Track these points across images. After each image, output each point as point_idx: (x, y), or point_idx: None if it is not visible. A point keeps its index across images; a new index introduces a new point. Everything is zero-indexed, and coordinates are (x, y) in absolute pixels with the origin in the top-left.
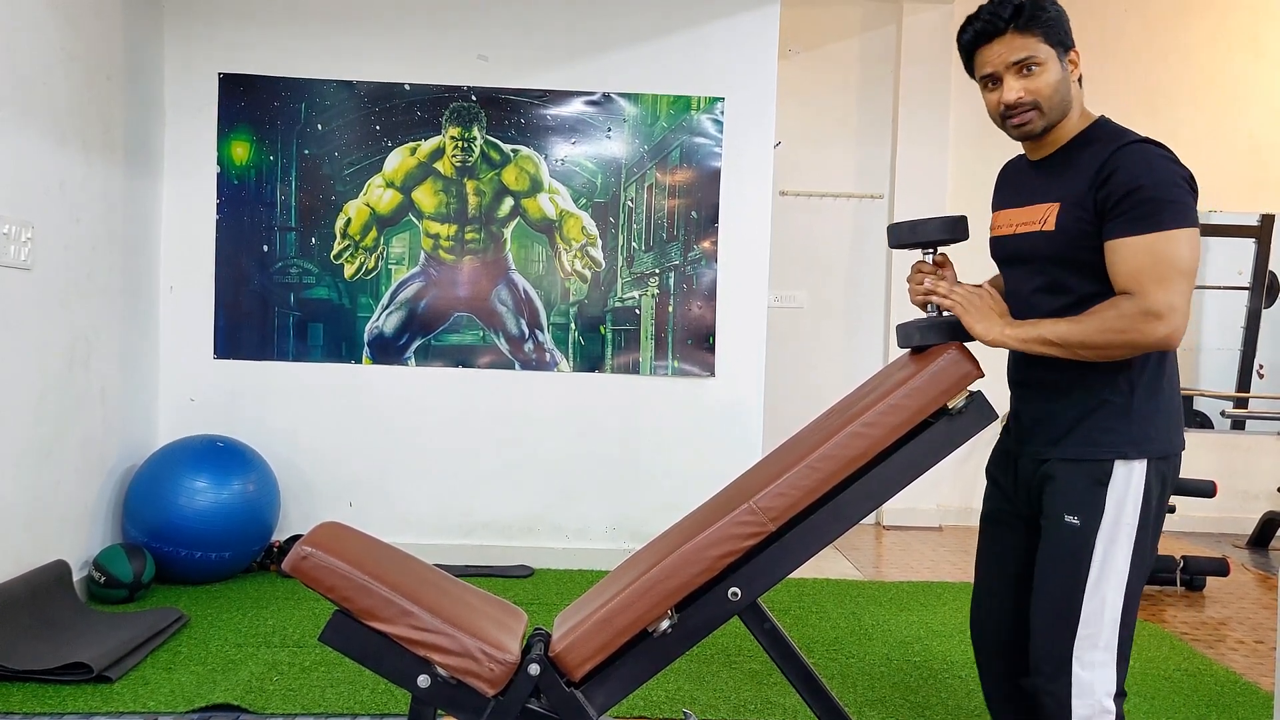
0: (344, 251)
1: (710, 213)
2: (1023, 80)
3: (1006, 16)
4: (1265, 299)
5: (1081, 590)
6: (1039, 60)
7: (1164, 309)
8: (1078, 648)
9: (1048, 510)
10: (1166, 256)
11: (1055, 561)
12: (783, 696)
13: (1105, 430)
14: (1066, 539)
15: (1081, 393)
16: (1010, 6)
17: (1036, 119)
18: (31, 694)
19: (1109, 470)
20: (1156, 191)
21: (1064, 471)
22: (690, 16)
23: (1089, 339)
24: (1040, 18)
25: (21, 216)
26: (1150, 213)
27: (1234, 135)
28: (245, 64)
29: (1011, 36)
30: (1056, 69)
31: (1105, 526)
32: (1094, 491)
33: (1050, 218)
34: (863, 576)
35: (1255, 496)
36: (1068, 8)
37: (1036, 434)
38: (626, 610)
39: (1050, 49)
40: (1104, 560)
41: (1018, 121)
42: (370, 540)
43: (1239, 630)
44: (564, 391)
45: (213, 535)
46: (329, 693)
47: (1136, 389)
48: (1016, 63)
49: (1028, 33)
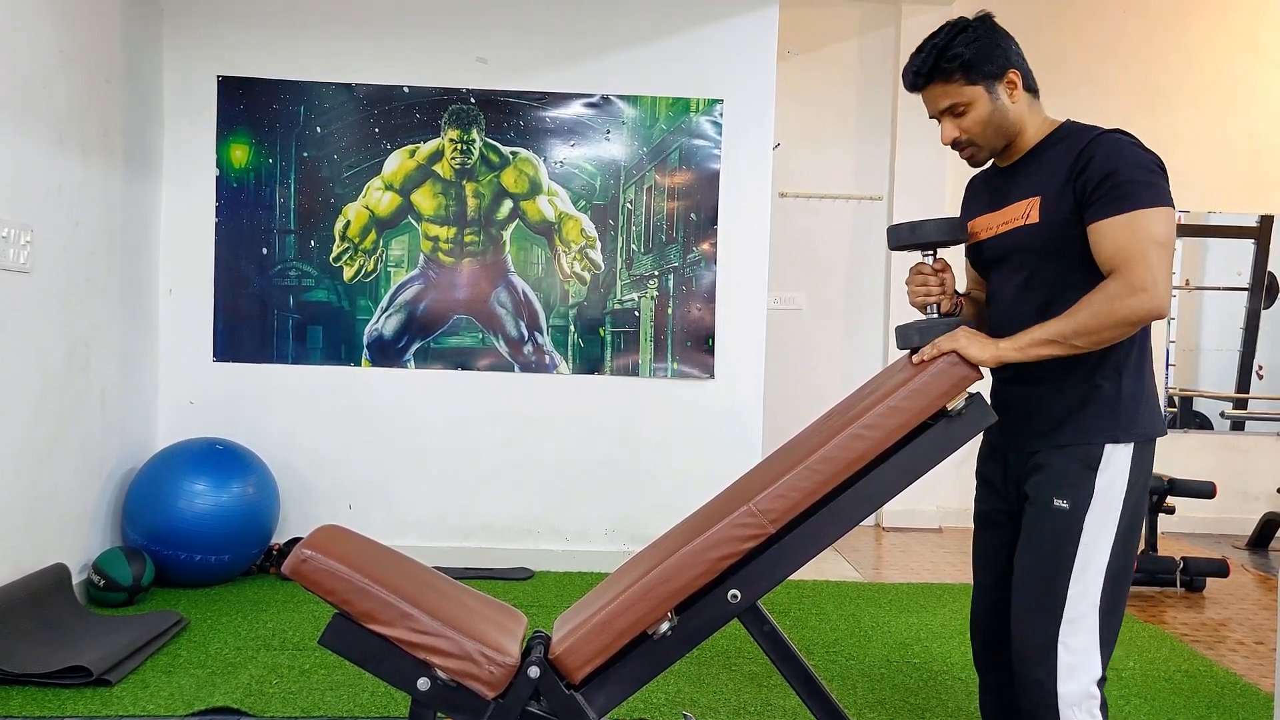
0: (343, 254)
1: (709, 214)
2: (954, 121)
3: (924, 72)
4: (1264, 299)
5: (1067, 575)
6: (963, 102)
7: (1148, 283)
8: (1063, 633)
9: (1035, 496)
10: (1145, 232)
11: (1039, 546)
12: (783, 699)
13: (1097, 417)
14: (1054, 522)
15: (1074, 382)
16: (923, 60)
17: (977, 152)
18: (31, 697)
19: (1099, 454)
20: (1131, 174)
21: (1055, 458)
22: (689, 18)
23: (1083, 327)
24: (954, 64)
25: (21, 219)
26: (1127, 194)
27: (1233, 136)
28: (244, 67)
29: (933, 87)
30: (985, 104)
31: (1094, 510)
32: (1084, 475)
33: (1033, 211)
34: (862, 578)
35: (1255, 497)
36: (1066, 10)
37: (1028, 427)
38: (626, 612)
39: (973, 87)
40: (1091, 544)
41: (963, 155)
42: (370, 543)
43: (1239, 631)
44: (563, 393)
45: (212, 538)
46: (329, 696)
47: (1124, 374)
48: (944, 109)
49: (946, 81)
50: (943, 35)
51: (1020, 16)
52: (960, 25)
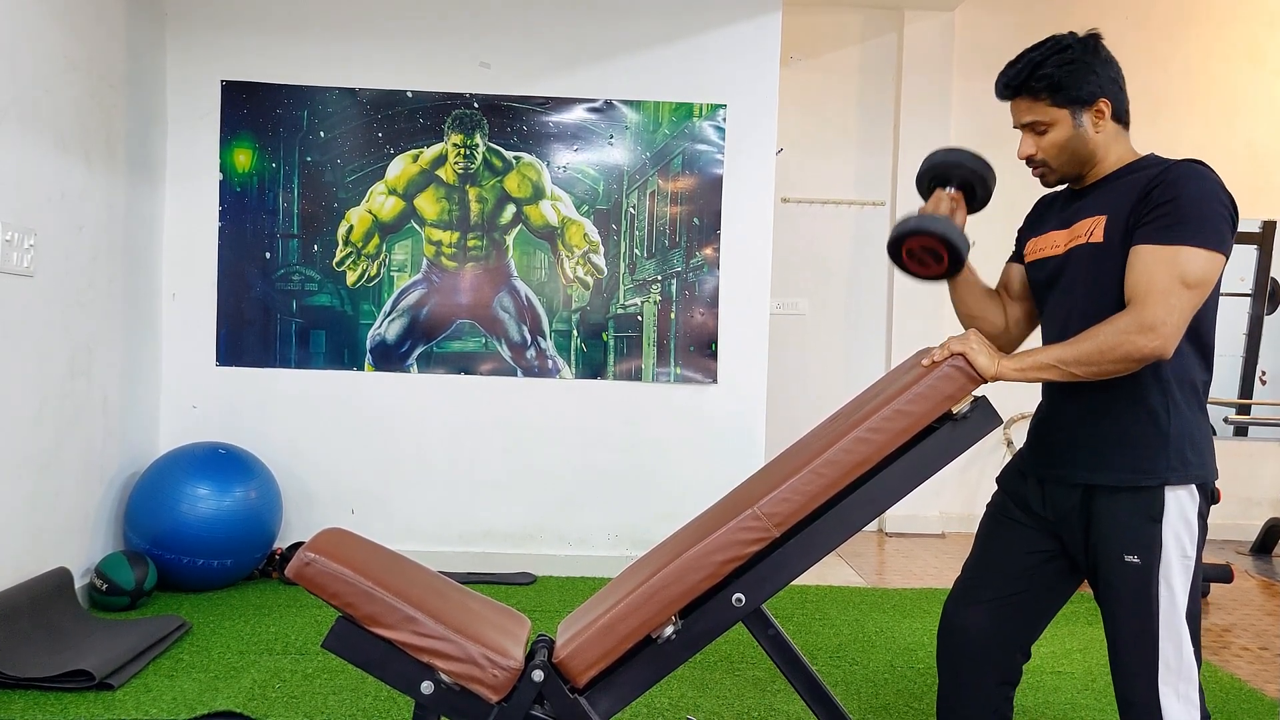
0: (346, 259)
1: (712, 220)
2: (1033, 138)
3: (1014, 85)
4: (1267, 305)
5: (1156, 630)
6: (1045, 123)
7: (1157, 323)
8: (1162, 686)
9: (1103, 550)
10: (1179, 270)
11: (1124, 604)
12: (787, 703)
13: (1149, 454)
14: (1130, 579)
15: (1125, 409)
16: (1014, 73)
17: (1048, 173)
18: (33, 702)
19: (1161, 503)
20: (1191, 206)
21: (1113, 507)
22: (692, 24)
23: (1085, 356)
24: (1042, 84)
25: (24, 224)
26: (1178, 224)
27: (1234, 142)
28: (247, 71)
29: (1019, 101)
30: (1066, 128)
31: (1166, 562)
32: (1149, 529)
33: (1097, 229)
34: (865, 583)
35: (1258, 503)
36: (1067, 19)
37: (1073, 457)
38: (630, 616)
39: (1059, 109)
40: (1171, 595)
41: (1035, 173)
42: (373, 546)
43: (1243, 637)
44: (566, 399)
45: (214, 542)
46: (331, 700)
47: (1174, 409)
48: (1027, 124)
49: (1033, 98)
50: (1042, 51)
51: (1022, 26)
52: (1062, 44)
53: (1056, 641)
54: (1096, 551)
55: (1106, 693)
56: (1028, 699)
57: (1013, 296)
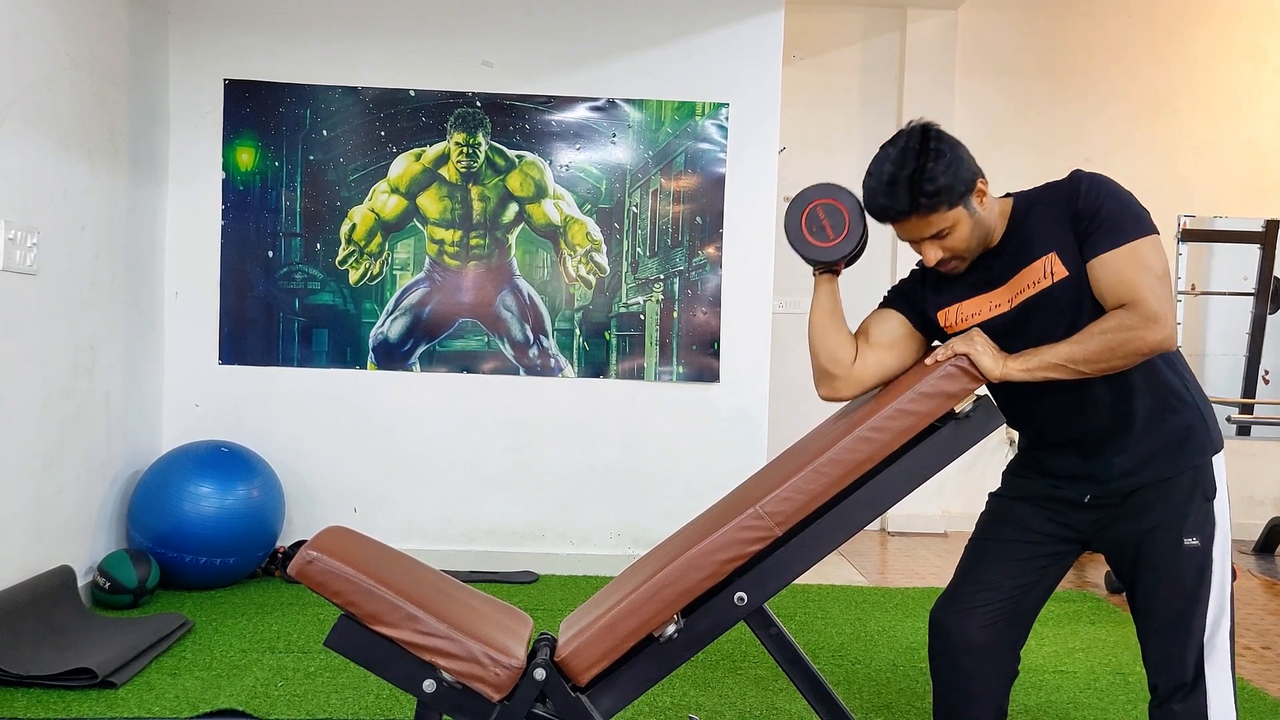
0: (349, 257)
1: (715, 218)
2: (939, 243)
3: (903, 209)
4: (1270, 304)
5: (1205, 606)
6: (948, 226)
7: (1160, 314)
8: (1207, 662)
9: (1161, 539)
10: (1145, 263)
11: (1178, 584)
12: (789, 702)
13: (1191, 433)
14: (1188, 561)
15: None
16: (897, 197)
17: (960, 264)
18: (36, 699)
19: (1212, 477)
20: (1116, 203)
21: (1171, 495)
22: (694, 23)
23: (1093, 354)
24: (934, 199)
25: (27, 222)
26: (1120, 225)
27: (1237, 141)
28: (250, 70)
29: (911, 220)
30: (966, 221)
31: (1218, 539)
32: (1206, 509)
33: (1055, 266)
34: (868, 582)
35: (1261, 502)
36: (1072, 19)
37: (1128, 465)
38: (632, 615)
39: (954, 209)
40: (1220, 570)
41: (945, 270)
42: (376, 545)
43: (1246, 636)
44: (568, 397)
45: (217, 541)
46: (333, 698)
47: (1188, 383)
48: (928, 237)
49: (929, 212)
50: (907, 165)
51: (1027, 26)
52: (922, 148)
53: (1058, 641)
54: (1151, 541)
55: (1109, 692)
56: (1029, 699)
57: (871, 343)
